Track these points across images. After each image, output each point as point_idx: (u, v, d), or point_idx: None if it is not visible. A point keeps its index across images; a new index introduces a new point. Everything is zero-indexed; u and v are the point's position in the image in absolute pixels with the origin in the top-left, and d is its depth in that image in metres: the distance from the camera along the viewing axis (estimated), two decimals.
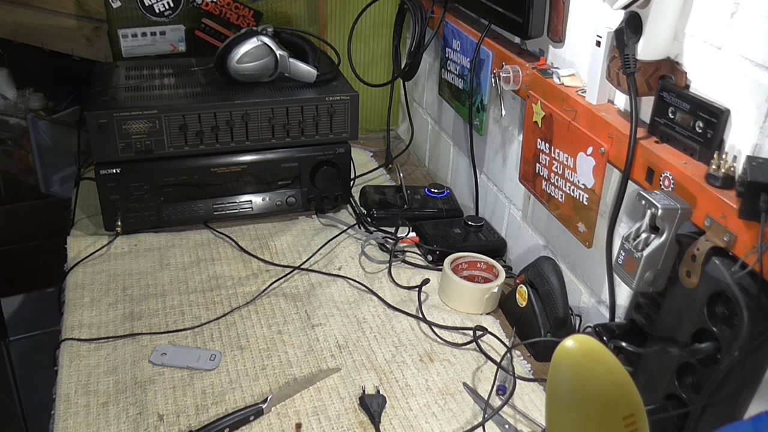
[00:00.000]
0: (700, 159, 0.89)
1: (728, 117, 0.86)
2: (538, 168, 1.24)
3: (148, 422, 1.00)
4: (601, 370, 0.78)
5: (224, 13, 1.70)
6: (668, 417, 0.91)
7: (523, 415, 1.05)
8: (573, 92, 1.11)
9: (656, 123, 0.96)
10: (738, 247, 0.80)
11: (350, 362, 1.14)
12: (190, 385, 1.07)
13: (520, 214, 1.42)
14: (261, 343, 1.17)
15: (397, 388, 1.09)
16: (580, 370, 0.79)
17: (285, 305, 1.26)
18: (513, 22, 1.26)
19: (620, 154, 0.99)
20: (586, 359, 0.79)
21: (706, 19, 0.88)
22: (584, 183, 1.10)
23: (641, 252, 0.89)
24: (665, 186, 0.91)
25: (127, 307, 1.23)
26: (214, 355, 1.13)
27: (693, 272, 0.86)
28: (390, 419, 1.03)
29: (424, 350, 1.18)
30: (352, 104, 1.48)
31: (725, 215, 0.81)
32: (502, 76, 1.26)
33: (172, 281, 1.30)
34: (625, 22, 0.93)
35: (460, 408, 1.06)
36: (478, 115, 1.47)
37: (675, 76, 0.94)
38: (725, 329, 0.83)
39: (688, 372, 0.90)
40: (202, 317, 1.22)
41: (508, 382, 1.10)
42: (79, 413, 1.01)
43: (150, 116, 1.35)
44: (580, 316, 1.21)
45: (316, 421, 1.02)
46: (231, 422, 0.99)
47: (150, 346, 1.14)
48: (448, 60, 1.57)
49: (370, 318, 1.25)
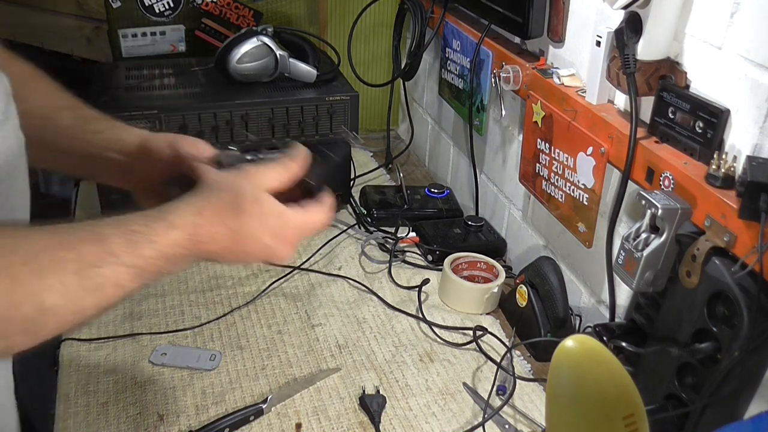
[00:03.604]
0: (700, 159, 0.89)
1: (728, 117, 0.86)
2: (538, 168, 1.24)
3: (148, 422, 1.00)
4: (601, 370, 0.79)
5: (224, 13, 1.70)
6: (668, 417, 0.91)
7: (523, 415, 1.05)
8: (573, 92, 1.11)
9: (656, 123, 0.96)
10: (738, 247, 0.80)
11: (350, 362, 1.14)
12: (190, 385, 1.07)
13: (520, 214, 1.42)
14: (261, 343, 1.17)
15: (397, 388, 1.09)
16: (580, 370, 0.79)
17: (285, 305, 1.26)
18: (513, 22, 1.26)
19: (620, 154, 0.99)
20: (586, 359, 0.79)
21: (706, 19, 0.88)
22: (584, 183, 1.10)
23: (641, 252, 0.89)
24: (665, 186, 0.91)
25: (126, 307, 1.22)
26: (214, 355, 1.13)
27: (693, 272, 0.86)
28: (390, 419, 1.03)
29: (424, 350, 1.18)
30: (352, 104, 1.48)
31: (725, 215, 0.81)
32: (502, 76, 1.26)
33: (171, 281, 1.30)
34: (625, 22, 0.93)
35: (460, 408, 1.06)
36: (478, 115, 1.47)
37: (675, 76, 0.94)
38: (725, 329, 0.83)
39: (688, 372, 0.90)
40: (202, 317, 1.22)
41: (508, 382, 1.10)
42: (79, 413, 1.01)
43: (150, 116, 1.35)
44: (580, 316, 1.21)
45: (316, 421, 1.02)
46: (231, 422, 0.99)
47: (150, 346, 1.14)
48: (448, 60, 1.57)
49: (370, 318, 1.25)
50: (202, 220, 0.71)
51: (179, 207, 0.71)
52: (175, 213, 0.71)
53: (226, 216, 0.72)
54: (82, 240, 0.65)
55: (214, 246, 0.72)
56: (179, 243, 0.69)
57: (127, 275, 0.65)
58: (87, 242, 0.65)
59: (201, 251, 0.71)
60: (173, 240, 0.69)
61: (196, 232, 0.70)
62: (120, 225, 0.67)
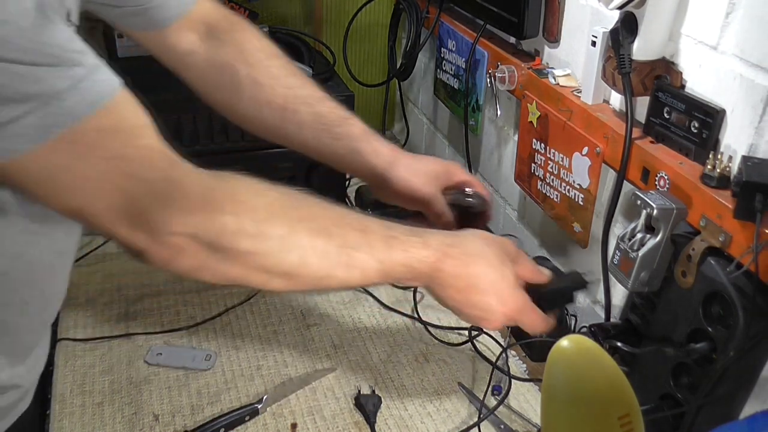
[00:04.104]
0: (696, 159, 0.89)
1: (723, 117, 0.86)
2: (534, 168, 1.24)
3: (143, 422, 1.00)
4: (596, 370, 0.79)
5: None
6: (664, 417, 0.91)
7: (519, 415, 1.05)
8: (568, 92, 1.12)
9: (651, 123, 0.96)
10: (733, 247, 0.80)
11: (345, 362, 1.14)
12: (186, 385, 1.07)
13: (516, 213, 1.42)
14: (256, 343, 1.17)
15: (393, 388, 1.09)
16: (575, 370, 0.79)
17: (280, 305, 1.26)
18: (508, 22, 1.26)
19: (615, 154, 0.99)
20: (582, 359, 0.79)
21: (701, 19, 0.88)
22: (579, 183, 1.11)
23: (637, 252, 0.89)
24: (660, 186, 0.91)
25: (122, 306, 1.22)
26: (209, 354, 1.12)
27: (688, 272, 0.86)
28: (385, 419, 1.03)
29: (419, 350, 1.17)
30: (348, 104, 1.47)
31: (720, 215, 0.81)
32: (498, 76, 1.26)
33: (167, 281, 1.30)
34: (621, 22, 0.94)
35: (456, 408, 1.06)
36: (473, 115, 1.48)
37: (670, 76, 0.94)
38: (720, 329, 0.83)
39: (684, 372, 0.90)
40: (198, 317, 1.21)
41: (503, 382, 1.10)
42: (75, 413, 1.01)
43: None
44: (576, 316, 1.21)
45: (312, 421, 1.02)
46: (226, 422, 0.99)
47: (145, 346, 1.14)
48: (443, 60, 1.57)
49: (366, 318, 1.25)
50: (452, 252, 0.80)
51: (437, 234, 0.82)
52: (432, 236, 0.81)
53: (474, 261, 0.82)
54: (350, 225, 0.76)
55: (449, 278, 0.80)
56: (425, 261, 0.79)
57: (373, 268, 0.76)
58: (353, 228, 0.76)
59: (435, 278, 0.80)
60: (422, 256, 0.79)
61: (442, 260, 0.79)
62: (382, 227, 0.78)
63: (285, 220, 0.71)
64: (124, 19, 0.89)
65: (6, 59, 0.50)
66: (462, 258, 0.81)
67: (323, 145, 0.99)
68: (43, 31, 0.52)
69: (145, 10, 0.88)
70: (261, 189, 0.72)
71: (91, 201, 0.60)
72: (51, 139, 0.55)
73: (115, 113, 0.60)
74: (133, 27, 0.91)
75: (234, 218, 0.67)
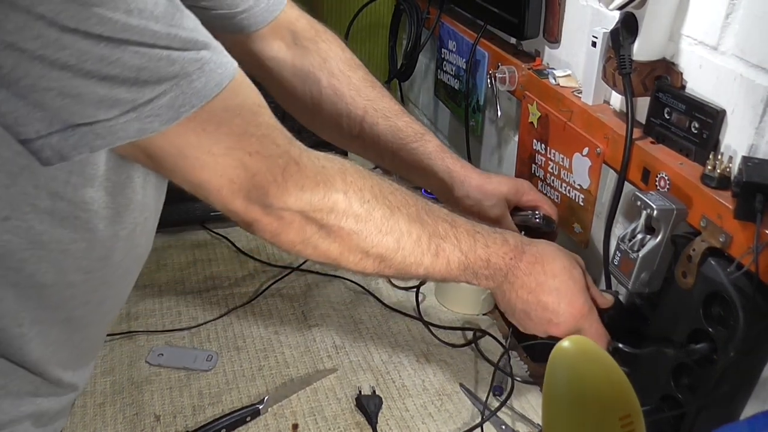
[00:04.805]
0: (696, 160, 0.89)
1: (724, 117, 0.86)
2: (534, 168, 1.24)
3: (144, 423, 1.00)
4: (597, 371, 0.79)
5: None
6: (664, 418, 0.91)
7: (521, 416, 1.05)
8: (569, 93, 1.12)
9: (652, 124, 0.96)
10: (734, 247, 0.80)
11: (347, 363, 1.14)
12: (187, 385, 1.07)
13: None
14: (258, 344, 1.17)
15: (394, 389, 1.09)
16: (576, 371, 0.79)
17: (282, 306, 1.26)
18: (509, 23, 1.27)
19: (616, 155, 0.99)
20: (583, 360, 0.79)
21: (701, 20, 0.88)
22: (580, 183, 1.11)
23: (637, 253, 0.89)
24: (661, 187, 0.91)
25: (123, 307, 1.22)
26: (210, 355, 1.13)
27: (689, 273, 0.86)
28: (387, 420, 1.03)
29: (420, 351, 1.18)
30: None
31: (721, 216, 0.81)
32: (498, 76, 1.26)
33: (168, 282, 1.30)
34: (621, 22, 0.94)
35: (457, 409, 1.06)
36: (474, 116, 1.48)
37: (671, 76, 0.94)
38: (721, 330, 0.83)
39: (684, 373, 0.90)
40: (199, 318, 1.22)
41: (505, 383, 1.10)
42: (76, 414, 1.01)
43: None
44: None
45: (313, 421, 1.02)
46: (228, 423, 0.99)
47: (147, 347, 1.14)
48: (444, 61, 1.57)
49: (367, 319, 1.25)
50: (529, 250, 0.85)
51: (516, 234, 0.87)
52: (510, 235, 0.86)
53: (547, 260, 0.85)
54: (440, 216, 0.80)
55: (522, 276, 0.84)
56: (504, 257, 0.83)
57: (457, 259, 0.80)
58: (443, 219, 0.80)
59: (509, 275, 0.84)
60: (502, 252, 0.83)
61: (519, 257, 0.84)
62: (467, 221, 0.83)
63: (386, 203, 0.74)
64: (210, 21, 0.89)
65: (146, 44, 0.53)
66: (537, 256, 0.85)
67: (398, 158, 1.03)
68: (173, 17, 0.55)
69: (233, 15, 0.90)
70: (364, 171, 0.75)
71: (213, 176, 0.63)
72: (182, 118, 0.57)
73: (238, 92, 0.62)
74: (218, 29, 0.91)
75: (344, 197, 0.71)
